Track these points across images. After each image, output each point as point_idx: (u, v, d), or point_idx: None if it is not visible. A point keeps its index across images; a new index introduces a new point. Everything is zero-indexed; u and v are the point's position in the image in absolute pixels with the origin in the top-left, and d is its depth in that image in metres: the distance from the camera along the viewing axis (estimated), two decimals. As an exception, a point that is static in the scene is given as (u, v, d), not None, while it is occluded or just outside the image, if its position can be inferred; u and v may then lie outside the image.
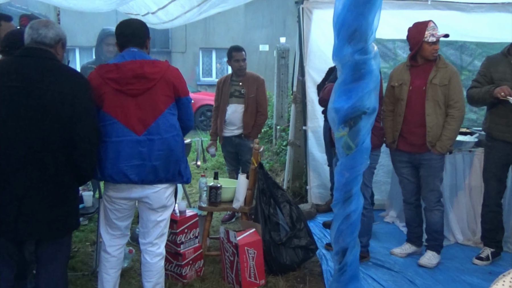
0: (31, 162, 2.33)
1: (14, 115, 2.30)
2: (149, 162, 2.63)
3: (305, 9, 4.87)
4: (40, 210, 2.36)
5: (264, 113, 4.77)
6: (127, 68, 2.61)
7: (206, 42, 16.75)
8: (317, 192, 5.24)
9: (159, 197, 2.74)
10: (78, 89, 2.39)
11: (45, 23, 2.48)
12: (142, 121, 2.63)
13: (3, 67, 2.39)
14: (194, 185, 6.28)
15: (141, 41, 2.76)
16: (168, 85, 2.67)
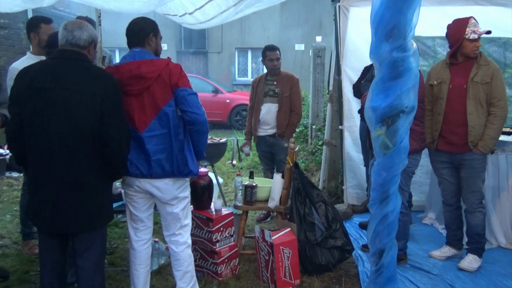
0: (65, 159, 2.44)
1: (48, 115, 2.41)
2: (153, 157, 2.73)
3: (342, 7, 4.82)
4: (74, 204, 2.48)
5: (298, 112, 4.75)
6: (125, 70, 2.71)
7: (242, 42, 16.84)
8: (353, 193, 5.18)
9: (169, 189, 2.83)
10: (108, 90, 2.48)
11: (79, 25, 2.56)
12: (143, 119, 2.73)
13: (40, 69, 2.50)
14: (229, 184, 6.33)
15: (141, 40, 2.81)
16: (165, 83, 2.72)
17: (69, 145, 2.43)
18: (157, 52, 2.90)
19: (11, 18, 8.47)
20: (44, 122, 2.42)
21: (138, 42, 2.81)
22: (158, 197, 2.86)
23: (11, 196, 5.73)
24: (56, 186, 2.45)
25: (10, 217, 4.97)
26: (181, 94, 2.74)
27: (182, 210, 2.92)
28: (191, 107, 2.75)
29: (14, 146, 2.57)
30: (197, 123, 2.77)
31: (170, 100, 2.74)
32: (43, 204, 2.47)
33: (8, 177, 6.65)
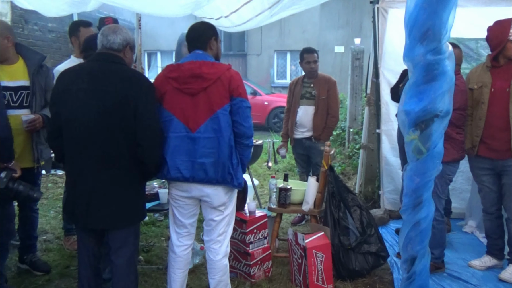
0: (100, 157, 2.53)
1: (84, 115, 2.51)
2: (198, 159, 2.72)
3: (381, 8, 4.75)
4: (108, 201, 2.56)
5: (334, 115, 4.72)
6: (185, 68, 2.74)
7: (281, 44, 16.86)
8: (390, 198, 5.08)
9: (219, 195, 2.82)
10: (141, 91, 2.55)
11: (113, 29, 2.66)
12: (196, 119, 2.73)
13: (77, 71, 2.61)
14: (265, 186, 6.34)
15: (203, 43, 2.85)
16: (224, 86, 2.73)
17: (103, 144, 2.51)
18: (218, 56, 2.93)
19: (58, 22, 8.82)
20: (80, 122, 2.52)
21: (200, 46, 2.85)
22: (207, 202, 2.86)
23: (55, 193, 5.96)
24: (90, 184, 2.54)
25: (54, 213, 5.17)
26: (239, 104, 2.75)
27: (227, 216, 2.91)
28: (244, 120, 2.77)
29: (54, 144, 2.70)
30: (244, 137, 2.80)
31: (226, 105, 2.73)
32: (79, 200, 2.58)
33: (54, 174, 6.91)
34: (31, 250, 3.72)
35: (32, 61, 3.35)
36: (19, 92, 3.26)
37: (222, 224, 2.91)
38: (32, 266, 3.67)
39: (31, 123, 3.24)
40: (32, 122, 3.25)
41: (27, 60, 3.34)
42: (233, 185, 2.82)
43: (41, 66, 3.43)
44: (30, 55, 3.40)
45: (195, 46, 2.85)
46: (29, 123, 3.23)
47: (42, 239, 4.35)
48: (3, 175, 2.66)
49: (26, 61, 3.33)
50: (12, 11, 7.30)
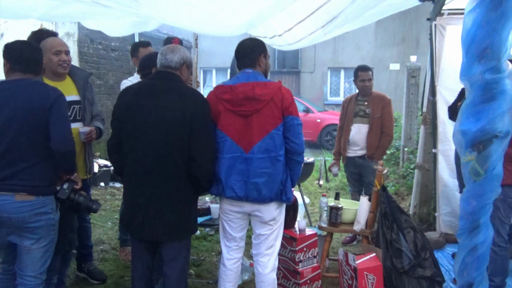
0: (157, 171, 2.63)
1: (144, 130, 2.63)
2: (252, 179, 2.76)
3: (438, 25, 4.63)
4: (163, 214, 2.65)
5: (389, 134, 4.65)
6: (239, 90, 2.78)
7: (334, 62, 16.77)
8: (447, 220, 4.87)
9: (270, 210, 2.86)
10: (197, 108, 2.65)
11: (172, 49, 2.78)
12: (249, 140, 2.77)
13: (138, 88, 2.76)
14: (315, 204, 6.27)
15: (252, 61, 2.89)
16: (276, 106, 2.76)
17: (161, 158, 2.62)
18: (266, 72, 2.99)
19: (120, 41, 9.25)
20: (139, 136, 2.64)
21: (250, 63, 2.90)
22: (257, 217, 2.90)
23: (113, 205, 6.19)
24: (148, 196, 2.64)
25: (111, 224, 5.37)
26: (291, 122, 2.79)
27: (275, 230, 2.94)
28: (296, 138, 2.80)
29: (114, 158, 2.83)
30: (296, 153, 2.84)
31: (280, 124, 2.77)
32: (136, 211, 2.68)
33: (112, 187, 7.19)
34: (88, 258, 3.88)
35: (79, 77, 3.53)
36: (71, 107, 3.45)
37: (271, 238, 2.93)
38: (89, 275, 3.82)
39: (88, 135, 3.42)
40: (89, 134, 3.42)
41: (74, 77, 3.52)
42: (282, 200, 2.85)
43: (87, 82, 3.61)
44: (77, 72, 3.59)
45: (245, 64, 2.91)
46: (86, 135, 3.40)
47: (99, 249, 4.51)
48: (65, 187, 2.78)
49: (73, 77, 3.51)
50: (79, 31, 7.75)
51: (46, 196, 2.67)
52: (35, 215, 2.61)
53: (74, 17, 4.84)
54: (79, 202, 2.87)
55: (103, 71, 8.71)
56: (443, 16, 4.56)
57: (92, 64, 8.27)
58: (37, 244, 2.68)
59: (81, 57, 7.86)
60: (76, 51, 7.64)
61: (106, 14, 3.86)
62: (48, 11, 3.76)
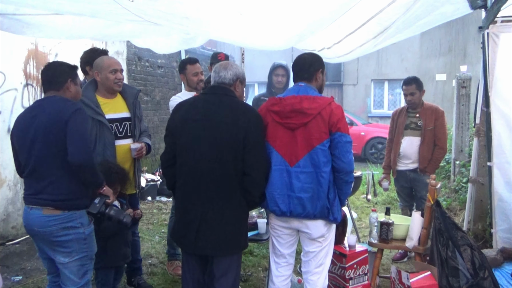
0: (210, 185, 2.63)
1: (197, 144, 2.65)
2: (296, 194, 2.71)
3: (491, 33, 4.44)
4: (216, 228, 2.64)
5: (442, 147, 4.52)
6: (287, 103, 2.76)
7: (378, 74, 16.49)
8: (504, 237, 4.60)
9: (318, 227, 2.79)
10: (251, 123, 2.64)
11: (224, 66, 2.81)
12: (295, 153, 2.73)
13: (192, 103, 2.79)
14: (363, 219, 6.13)
15: (311, 75, 2.87)
16: (324, 121, 2.70)
17: (215, 173, 2.62)
18: (322, 88, 2.95)
19: (166, 58, 9.48)
20: (193, 151, 2.66)
21: (307, 77, 2.87)
22: (306, 233, 2.84)
23: (160, 219, 6.27)
24: (201, 211, 2.64)
25: (159, 238, 5.43)
26: (338, 139, 2.71)
27: (325, 248, 2.88)
28: (343, 156, 2.72)
29: (167, 172, 2.85)
30: (343, 172, 2.75)
31: (325, 140, 2.72)
32: (188, 226, 2.68)
33: (158, 201, 7.30)
34: (137, 272, 3.92)
35: (129, 95, 3.62)
36: (123, 123, 3.53)
37: (320, 256, 2.86)
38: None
39: (139, 151, 3.49)
40: (140, 150, 3.50)
41: (124, 94, 3.61)
42: (329, 219, 2.78)
43: (136, 99, 3.69)
44: (127, 89, 3.68)
45: (301, 77, 2.88)
46: (138, 151, 3.48)
47: (148, 263, 4.56)
48: (97, 201, 2.79)
49: (124, 95, 3.60)
50: (128, 50, 8.00)
51: (73, 211, 2.68)
52: (62, 229, 2.64)
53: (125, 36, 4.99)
54: (110, 216, 2.87)
55: (150, 88, 8.93)
56: (496, 24, 4.38)
57: (139, 81, 8.50)
58: (70, 258, 2.69)
59: (129, 74, 8.09)
60: (125, 68, 7.88)
61: (156, 31, 3.95)
62: (101, 30, 3.89)
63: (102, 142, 3.42)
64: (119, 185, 3.18)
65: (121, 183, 3.20)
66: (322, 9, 2.72)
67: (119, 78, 3.44)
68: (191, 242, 2.68)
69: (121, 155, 3.48)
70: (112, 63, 3.45)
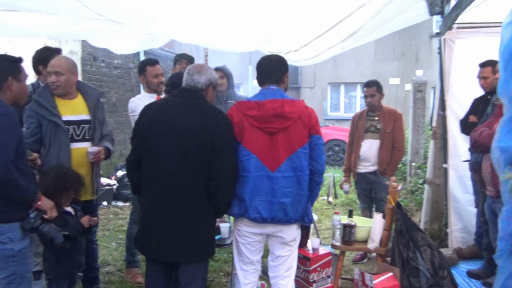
0: (176, 190, 2.55)
1: (164, 147, 2.56)
2: (278, 199, 2.67)
3: (447, 39, 4.60)
4: (182, 234, 2.56)
5: (400, 148, 4.60)
6: (268, 107, 2.69)
7: (334, 77, 16.78)
8: (459, 237, 4.78)
9: (292, 230, 2.78)
10: (219, 127, 2.58)
11: (199, 69, 2.72)
12: (275, 158, 2.68)
13: (160, 105, 2.70)
14: (323, 221, 6.18)
15: (279, 78, 2.83)
16: (304, 124, 2.70)
17: (181, 177, 2.54)
18: (286, 90, 2.91)
19: (123, 58, 9.23)
20: (159, 154, 2.56)
21: (276, 80, 2.83)
22: (278, 238, 2.79)
23: (117, 225, 6.07)
24: (166, 216, 2.55)
25: (116, 245, 5.24)
26: (317, 142, 2.74)
27: (294, 252, 2.87)
28: (320, 158, 2.75)
29: (133, 175, 2.74)
30: (317, 174, 2.77)
31: (306, 143, 2.71)
32: (153, 232, 2.58)
33: (114, 206, 7.07)
34: (94, 282, 3.76)
35: (91, 97, 3.48)
36: (81, 126, 3.39)
37: (290, 260, 2.85)
38: (95, 298, 3.70)
39: (97, 155, 3.34)
40: (97, 154, 3.35)
41: (85, 96, 3.47)
42: (304, 222, 2.78)
43: (98, 102, 3.55)
44: (89, 91, 3.54)
45: (271, 80, 2.82)
46: (95, 155, 3.33)
47: (104, 271, 4.38)
48: (32, 216, 2.55)
49: (85, 96, 3.46)
50: (83, 49, 7.73)
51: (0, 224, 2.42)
52: None
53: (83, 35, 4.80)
54: (43, 234, 2.62)
55: (105, 89, 8.66)
56: (452, 30, 4.54)
57: (95, 82, 8.22)
58: None
59: (84, 75, 7.81)
60: (80, 69, 7.59)
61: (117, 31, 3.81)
62: (57, 29, 3.72)
63: (57, 144, 3.26)
64: (73, 192, 2.99)
65: (76, 190, 3.00)
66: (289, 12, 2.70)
67: (52, 81, 3.28)
68: (154, 248, 2.59)
69: (78, 158, 3.32)
70: (50, 65, 3.30)
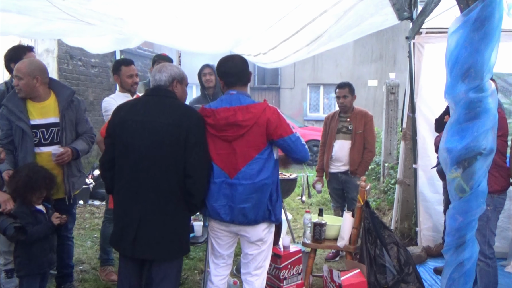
0: (150, 188, 2.59)
1: (137, 146, 2.60)
2: (238, 205, 2.71)
3: (417, 44, 4.73)
4: (156, 232, 2.61)
5: (371, 149, 4.70)
6: (220, 116, 2.71)
7: (314, 78, 16.96)
8: (428, 235, 4.92)
9: (256, 231, 2.83)
10: (192, 123, 2.63)
11: (159, 69, 2.79)
12: (234, 165, 2.72)
13: (133, 104, 2.75)
14: (298, 220, 6.27)
15: (242, 80, 2.85)
16: (260, 131, 2.70)
17: (155, 175, 2.58)
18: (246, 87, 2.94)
19: (100, 57, 9.20)
20: (133, 153, 2.61)
21: (240, 83, 2.82)
22: (244, 237, 2.87)
23: (92, 223, 6.07)
24: (139, 214, 2.60)
25: (91, 243, 5.25)
26: (287, 143, 2.74)
27: (264, 251, 2.91)
28: (299, 151, 2.78)
29: (106, 175, 2.77)
30: (300, 162, 2.90)
31: (263, 149, 2.73)
32: (127, 229, 2.63)
33: (91, 205, 7.05)
34: (68, 279, 3.77)
35: (62, 97, 3.47)
36: (50, 129, 3.40)
37: (259, 259, 2.90)
38: (69, 296, 3.71)
39: (59, 157, 3.35)
40: (60, 156, 3.36)
41: (58, 96, 3.46)
42: (271, 220, 2.83)
43: (72, 101, 3.54)
44: (61, 90, 3.52)
45: (233, 84, 2.83)
46: (57, 157, 3.34)
47: (79, 269, 4.40)
48: None
49: (58, 97, 3.46)
50: (59, 48, 7.69)
51: None
52: None
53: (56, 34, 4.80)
54: None
55: (82, 88, 8.63)
56: (421, 35, 4.67)
57: (71, 81, 8.19)
58: None
59: (60, 73, 7.77)
60: (56, 67, 7.56)
61: (89, 31, 3.83)
62: (29, 28, 3.72)
63: (23, 148, 3.31)
64: (45, 190, 3.11)
65: (48, 189, 3.13)
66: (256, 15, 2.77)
67: (15, 84, 3.30)
68: (129, 245, 2.62)
69: (45, 162, 3.33)
70: (14, 68, 3.32)
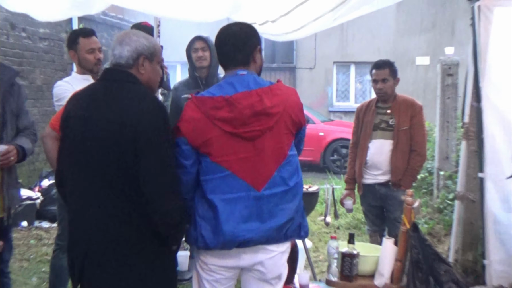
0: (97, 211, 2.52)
1: (77, 151, 2.55)
2: (273, 223, 2.67)
3: (483, 7, 4.68)
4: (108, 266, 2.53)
5: (420, 152, 4.71)
6: (243, 105, 2.61)
7: (342, 55, 16.96)
8: (499, 270, 4.88)
9: (276, 264, 2.79)
10: (142, 119, 2.46)
11: (120, 40, 2.64)
12: (261, 172, 2.66)
13: (82, 95, 2.70)
14: (321, 250, 6.27)
15: (248, 56, 2.77)
16: (291, 118, 2.72)
17: (101, 191, 2.51)
18: (260, 71, 2.91)
19: (52, 27, 9.22)
20: (74, 161, 2.58)
21: (243, 61, 2.77)
22: (258, 272, 2.80)
23: (39, 253, 6.08)
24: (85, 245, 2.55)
25: (37, 281, 5.27)
26: (303, 134, 2.89)
27: None
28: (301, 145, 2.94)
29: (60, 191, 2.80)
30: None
31: (293, 142, 2.78)
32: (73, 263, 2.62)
33: (37, 227, 7.08)
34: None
35: (1, 81, 3.45)
36: None
37: None
38: None
39: (3, 156, 3.33)
40: (6, 155, 3.34)
41: None
42: (300, 236, 2.85)
43: (12, 85, 3.55)
44: (3, 71, 3.53)
45: (236, 61, 2.77)
46: (1, 156, 3.32)
47: (21, 316, 4.42)
48: None
49: None
50: (-5, 14, 7.72)
51: None
52: None
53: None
54: None
55: (27, 68, 8.66)
56: (490, -6, 4.63)
57: (12, 58, 8.22)
58: None
59: (-3, 48, 7.81)
60: (-9, 40, 7.59)
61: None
62: None
63: None
64: None
65: None
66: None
67: None
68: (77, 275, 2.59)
69: None
70: None
